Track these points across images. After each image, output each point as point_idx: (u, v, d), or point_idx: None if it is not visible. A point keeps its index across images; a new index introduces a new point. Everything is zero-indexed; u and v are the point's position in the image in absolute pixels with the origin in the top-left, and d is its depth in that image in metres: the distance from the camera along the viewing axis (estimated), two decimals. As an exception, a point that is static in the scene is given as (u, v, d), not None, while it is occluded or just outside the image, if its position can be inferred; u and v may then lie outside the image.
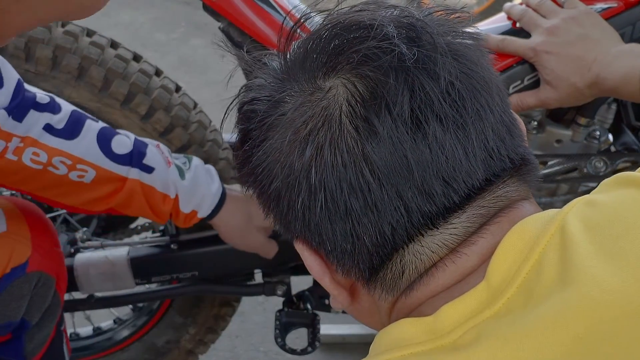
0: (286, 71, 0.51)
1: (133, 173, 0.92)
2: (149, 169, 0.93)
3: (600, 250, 0.44)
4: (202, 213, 0.98)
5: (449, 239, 0.48)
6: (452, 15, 0.52)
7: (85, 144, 0.89)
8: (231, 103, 0.55)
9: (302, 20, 0.53)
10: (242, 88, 0.54)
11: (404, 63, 0.46)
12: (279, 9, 1.02)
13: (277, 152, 0.49)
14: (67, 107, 0.90)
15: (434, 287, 0.49)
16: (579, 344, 0.41)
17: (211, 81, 2.76)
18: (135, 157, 0.92)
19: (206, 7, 1.04)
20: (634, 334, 0.41)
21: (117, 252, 1.13)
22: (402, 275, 0.50)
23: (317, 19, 0.52)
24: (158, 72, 1.11)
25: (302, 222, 0.50)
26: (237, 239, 1.02)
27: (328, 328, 1.60)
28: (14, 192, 1.12)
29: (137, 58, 1.09)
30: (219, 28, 1.06)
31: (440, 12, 0.51)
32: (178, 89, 1.12)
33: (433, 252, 0.48)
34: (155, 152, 0.95)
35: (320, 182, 0.47)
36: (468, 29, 0.51)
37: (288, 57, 0.51)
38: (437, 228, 0.48)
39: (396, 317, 0.51)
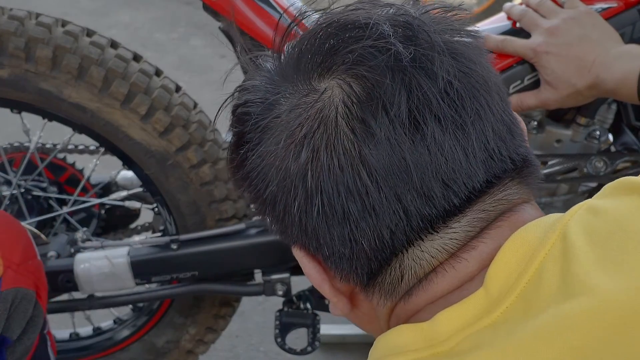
0: (280, 72, 0.50)
1: None
2: None
3: (601, 259, 0.43)
4: None
5: (448, 243, 0.47)
6: (450, 13, 0.50)
7: None
8: (223, 104, 0.54)
9: (298, 20, 0.52)
10: (235, 90, 0.53)
11: (401, 62, 0.45)
12: (278, 8, 1.02)
13: (272, 155, 0.48)
14: None
15: (432, 292, 0.48)
16: (575, 354, 0.40)
17: (211, 81, 2.76)
18: None
19: (206, 7, 1.04)
20: (634, 343, 0.39)
21: (117, 252, 1.12)
22: (401, 280, 0.48)
23: (313, 18, 0.51)
24: (158, 72, 1.11)
25: (299, 227, 0.48)
26: None
27: (328, 328, 1.60)
28: None
29: (137, 58, 1.09)
30: (219, 28, 1.06)
31: (437, 10, 0.50)
32: (178, 89, 1.12)
33: (433, 257, 0.47)
34: None
35: (316, 185, 0.46)
36: (466, 27, 0.50)
37: (282, 58, 0.50)
38: (437, 232, 0.47)
39: (395, 323, 0.50)
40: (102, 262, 1.11)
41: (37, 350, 0.90)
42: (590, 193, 1.11)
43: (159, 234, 1.23)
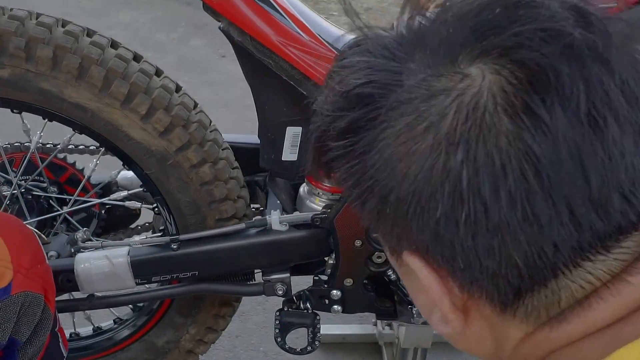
0: (411, 50, 0.43)
1: None
2: None
3: None
4: None
5: (615, 264, 0.40)
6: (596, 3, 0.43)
7: None
8: (329, 84, 0.46)
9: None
10: (338, 65, 0.46)
11: (579, 51, 0.38)
12: (279, 8, 1.03)
13: (410, 150, 0.40)
14: None
15: (590, 321, 0.41)
16: None
17: (211, 81, 2.76)
18: None
19: (206, 7, 1.05)
20: None
21: (117, 252, 1.13)
22: (557, 304, 0.42)
23: None
24: (158, 72, 1.11)
25: (432, 233, 0.41)
26: None
27: (328, 328, 1.60)
28: None
29: (137, 58, 1.09)
30: (219, 28, 1.06)
31: None
32: (178, 88, 1.12)
33: (598, 279, 0.40)
34: None
35: (470, 188, 0.39)
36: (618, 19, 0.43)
37: (412, 33, 0.44)
38: (609, 251, 0.40)
39: (531, 351, 0.44)
40: (102, 262, 1.11)
41: (49, 348, 0.92)
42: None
43: (159, 233, 1.23)
